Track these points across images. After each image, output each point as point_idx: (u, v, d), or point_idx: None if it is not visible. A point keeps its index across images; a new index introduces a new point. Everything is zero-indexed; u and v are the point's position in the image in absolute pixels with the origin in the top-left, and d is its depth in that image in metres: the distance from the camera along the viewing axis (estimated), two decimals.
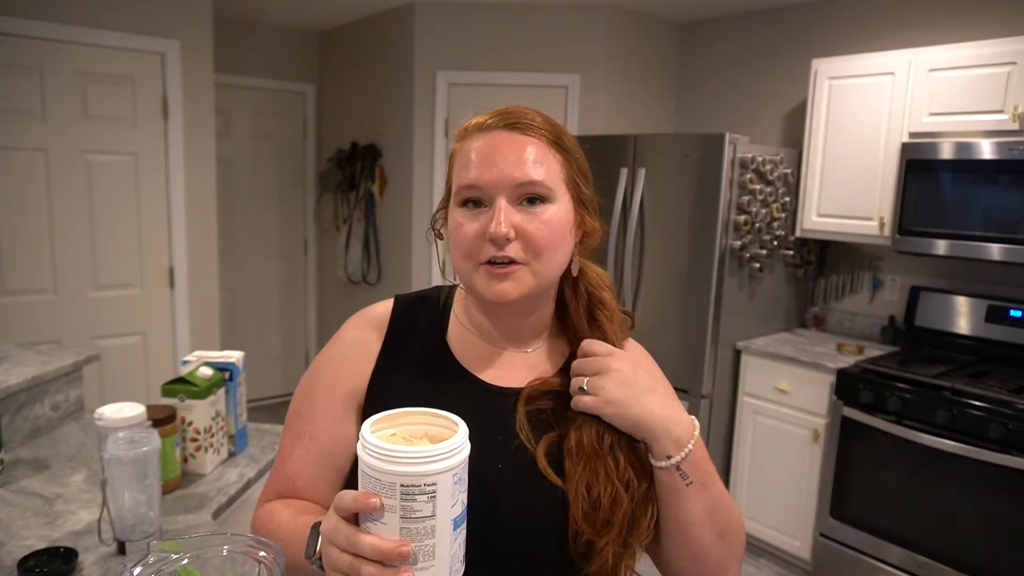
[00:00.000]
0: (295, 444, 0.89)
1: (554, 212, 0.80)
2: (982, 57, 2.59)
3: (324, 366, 0.92)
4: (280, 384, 4.95)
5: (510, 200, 0.79)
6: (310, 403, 0.90)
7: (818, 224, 3.14)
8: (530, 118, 0.82)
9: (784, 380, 2.96)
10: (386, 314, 0.93)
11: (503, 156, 0.79)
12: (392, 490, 0.62)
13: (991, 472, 2.34)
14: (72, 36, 2.95)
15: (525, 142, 0.80)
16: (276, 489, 0.91)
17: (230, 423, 1.66)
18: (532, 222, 0.79)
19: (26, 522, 1.32)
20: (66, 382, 1.89)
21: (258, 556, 0.68)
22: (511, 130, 0.81)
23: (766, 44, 3.69)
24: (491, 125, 0.82)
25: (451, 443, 0.64)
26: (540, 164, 0.80)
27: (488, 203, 0.80)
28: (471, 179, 0.80)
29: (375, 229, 4.31)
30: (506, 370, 0.89)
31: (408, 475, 0.62)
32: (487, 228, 0.78)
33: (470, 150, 0.82)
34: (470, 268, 0.81)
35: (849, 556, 2.75)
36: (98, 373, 3.10)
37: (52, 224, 3.02)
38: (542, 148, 0.81)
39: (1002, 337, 2.79)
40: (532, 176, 0.79)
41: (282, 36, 4.61)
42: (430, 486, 0.62)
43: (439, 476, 0.63)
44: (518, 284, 0.80)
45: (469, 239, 0.80)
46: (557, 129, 0.84)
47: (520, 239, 0.79)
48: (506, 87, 3.82)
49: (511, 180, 0.78)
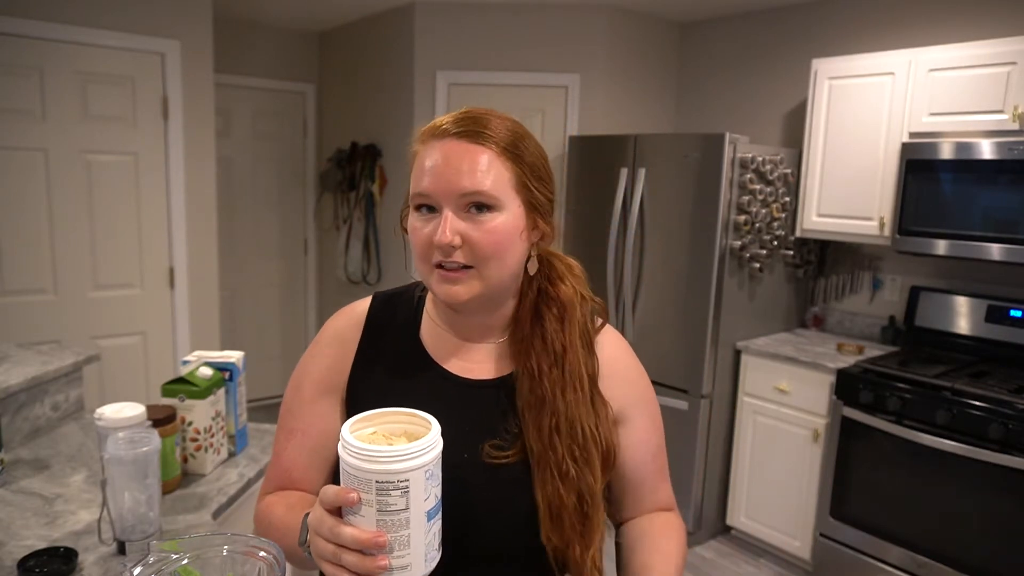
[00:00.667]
0: (288, 440, 0.96)
1: (501, 220, 0.83)
2: (982, 57, 2.59)
3: (308, 365, 0.98)
4: (280, 384, 4.94)
5: (457, 208, 0.83)
6: (298, 401, 0.96)
7: (818, 224, 3.14)
8: (484, 125, 0.84)
9: (784, 380, 2.96)
10: (363, 312, 0.98)
11: (452, 166, 0.82)
12: (368, 486, 0.67)
13: (991, 472, 2.34)
14: (72, 36, 2.95)
15: (475, 152, 0.83)
16: (274, 483, 0.97)
17: (230, 423, 1.66)
18: (477, 230, 0.82)
19: (26, 522, 1.32)
20: (66, 382, 1.89)
21: (258, 556, 0.68)
22: (462, 139, 0.83)
23: (766, 44, 3.69)
24: (446, 132, 0.84)
25: (422, 442, 0.69)
26: (487, 174, 0.82)
27: (439, 209, 0.83)
28: (422, 187, 0.84)
29: (375, 229, 4.31)
30: (475, 363, 0.93)
31: (382, 472, 0.67)
32: (434, 235, 0.82)
33: (425, 156, 0.85)
34: (426, 271, 0.86)
35: (849, 556, 2.75)
36: (98, 373, 3.09)
37: (52, 224, 3.02)
38: (491, 157, 0.83)
39: (1002, 337, 2.79)
40: (477, 187, 0.82)
41: (282, 36, 4.61)
42: (403, 482, 0.67)
43: (411, 473, 0.68)
44: (467, 287, 0.84)
45: (423, 243, 0.85)
46: (513, 136, 0.86)
47: (466, 245, 0.83)
48: (506, 87, 3.82)
49: (457, 190, 0.82)
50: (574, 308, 0.92)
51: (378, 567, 0.68)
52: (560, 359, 0.90)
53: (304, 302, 4.98)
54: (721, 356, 3.09)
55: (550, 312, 0.92)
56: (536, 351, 0.90)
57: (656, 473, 1.01)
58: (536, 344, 0.90)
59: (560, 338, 0.90)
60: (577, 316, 0.92)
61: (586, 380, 0.91)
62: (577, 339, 0.91)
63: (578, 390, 0.89)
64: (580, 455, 0.86)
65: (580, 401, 0.89)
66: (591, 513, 0.86)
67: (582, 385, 0.90)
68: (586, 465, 0.87)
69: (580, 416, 0.88)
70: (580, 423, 0.88)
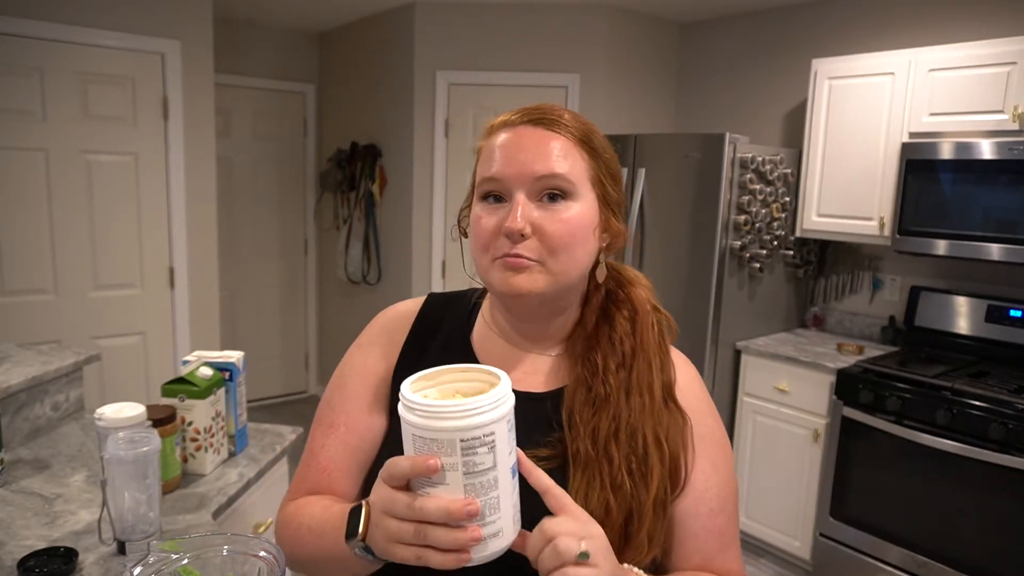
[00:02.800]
0: (328, 435, 0.88)
1: (576, 211, 0.78)
2: (982, 57, 2.59)
3: (353, 358, 0.92)
4: (280, 384, 4.95)
5: (530, 195, 0.77)
6: (341, 393, 0.90)
7: (818, 224, 3.14)
8: (557, 114, 0.80)
9: (784, 380, 2.96)
10: (414, 309, 0.93)
11: (525, 150, 0.77)
12: (451, 447, 0.60)
13: (991, 472, 2.34)
14: (72, 36, 2.95)
15: (550, 137, 0.78)
16: (307, 484, 0.88)
17: (230, 423, 1.66)
18: (550, 219, 0.77)
19: (26, 522, 1.31)
20: (66, 382, 1.89)
21: (258, 556, 0.68)
22: (536, 125, 0.79)
23: (766, 44, 3.69)
24: (516, 121, 0.80)
25: (499, 390, 0.63)
26: (564, 159, 0.77)
27: (508, 198, 0.78)
28: (491, 172, 0.78)
29: (375, 229, 4.31)
30: (526, 373, 0.86)
31: (467, 428, 0.60)
32: (504, 222, 0.77)
33: (494, 146, 0.80)
34: (486, 263, 0.80)
35: (849, 556, 2.75)
36: (98, 373, 3.09)
37: (52, 224, 3.02)
38: (567, 145, 0.78)
39: (1002, 337, 2.79)
40: (554, 169, 0.76)
41: (282, 36, 4.61)
42: (488, 436, 0.61)
43: (496, 425, 0.61)
44: (530, 279, 0.77)
45: (487, 233, 0.78)
46: (586, 127, 0.81)
47: (537, 236, 0.76)
48: (506, 87, 3.82)
49: (531, 173, 0.76)
50: (647, 313, 0.85)
51: (472, 539, 0.61)
52: (628, 360, 0.82)
53: (304, 302, 4.98)
54: (721, 356, 3.09)
55: (620, 313, 0.85)
56: (602, 348, 0.82)
57: (711, 534, 0.84)
58: (602, 342, 0.83)
59: (630, 340, 0.83)
60: (650, 322, 0.85)
61: (657, 388, 0.82)
62: (649, 345, 0.84)
63: (644, 396, 0.81)
64: (637, 468, 0.78)
65: (645, 409, 0.80)
66: (634, 534, 0.76)
67: (650, 392, 0.81)
68: (642, 480, 0.78)
69: (643, 425, 0.79)
70: (642, 432, 0.79)
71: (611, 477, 0.76)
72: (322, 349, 5.03)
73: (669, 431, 0.81)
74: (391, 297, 4.22)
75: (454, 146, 3.92)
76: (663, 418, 0.81)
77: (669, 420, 0.82)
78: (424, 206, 3.97)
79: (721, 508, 0.85)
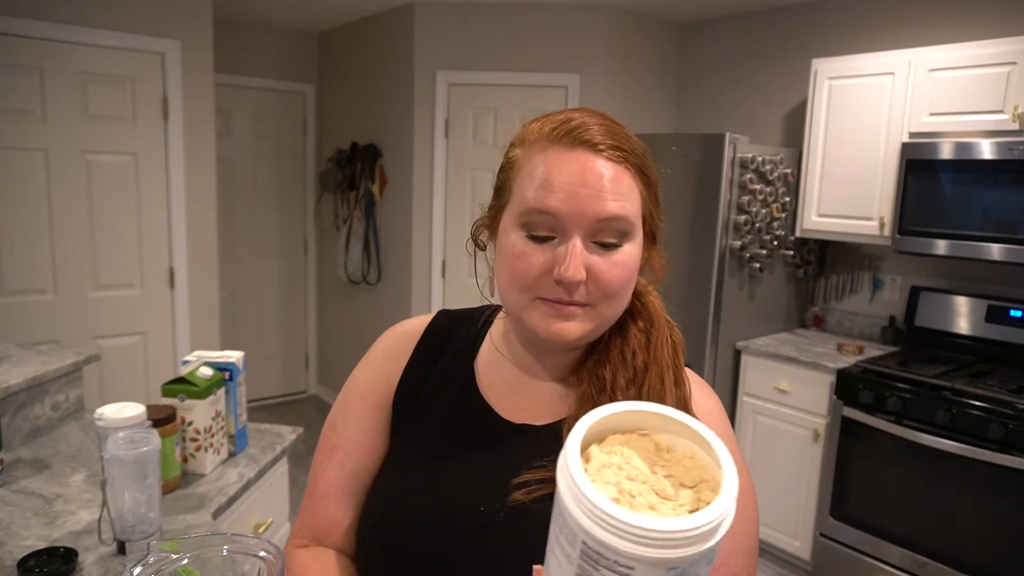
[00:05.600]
0: (328, 459, 0.85)
1: (628, 252, 0.71)
2: (982, 57, 2.59)
3: (357, 377, 0.88)
4: (280, 384, 4.95)
5: (586, 236, 0.69)
6: (344, 414, 0.87)
7: (818, 224, 3.14)
8: (621, 137, 0.71)
9: (784, 380, 2.96)
10: (420, 327, 0.88)
11: (588, 185, 0.68)
12: (628, 571, 0.42)
13: (991, 472, 2.34)
14: (72, 36, 2.95)
15: (611, 169, 0.69)
16: (310, 517, 0.86)
17: (230, 423, 1.66)
18: (605, 264, 0.70)
19: (26, 522, 1.31)
20: (66, 382, 1.89)
21: (258, 556, 0.68)
22: (598, 152, 0.69)
23: (766, 44, 3.69)
24: (573, 139, 0.69)
25: (719, 508, 0.43)
26: (625, 197, 0.69)
27: (559, 234, 0.69)
28: (547, 205, 0.68)
29: (375, 229, 4.31)
30: (531, 402, 0.80)
31: (680, 559, 0.42)
32: (554, 264, 0.69)
33: (542, 165, 0.69)
34: (524, 301, 0.72)
35: (849, 556, 2.75)
36: (98, 373, 3.10)
37: (52, 224, 3.02)
38: (629, 178, 0.70)
39: (1002, 337, 2.79)
40: (616, 211, 0.68)
41: (282, 36, 4.61)
42: (703, 557, 0.43)
43: (697, 554, 0.42)
44: (580, 325, 0.71)
45: (532, 273, 0.70)
46: (642, 151, 0.73)
47: (590, 280, 0.70)
48: (506, 87, 3.82)
49: (593, 214, 0.68)
50: (662, 327, 0.79)
51: None
52: (640, 377, 0.75)
53: (304, 302, 4.98)
54: (721, 356, 3.10)
55: (635, 325, 0.78)
56: (612, 363, 0.76)
57: None
58: (613, 356, 0.77)
59: (643, 354, 0.77)
60: (665, 336, 0.79)
61: (670, 404, 0.74)
62: (663, 360, 0.77)
63: None
64: None
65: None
66: None
67: None
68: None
69: None
70: None
71: None
72: (322, 349, 5.03)
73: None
74: (391, 297, 4.23)
75: (454, 146, 3.92)
76: None
77: None
78: (424, 206, 3.97)
79: (723, 562, 0.71)
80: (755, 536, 0.77)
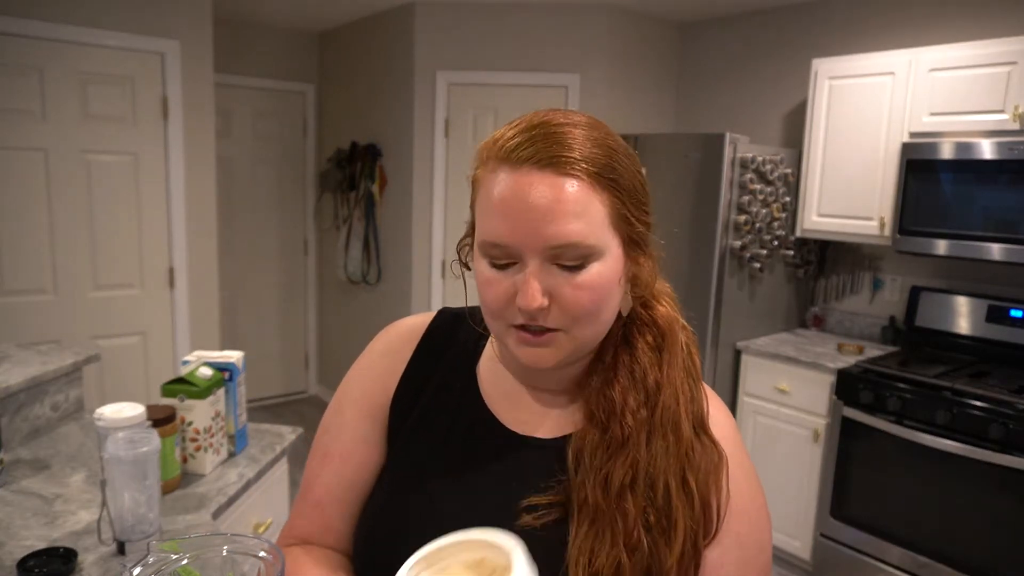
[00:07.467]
0: (323, 465, 0.82)
1: (597, 271, 0.66)
2: (982, 57, 2.58)
3: (352, 379, 0.84)
4: (280, 384, 4.95)
5: (543, 261, 0.65)
6: (338, 419, 0.83)
7: (818, 224, 3.14)
8: (568, 145, 0.65)
9: (784, 380, 2.96)
10: (421, 327, 0.84)
11: (533, 208, 0.63)
12: None
13: (991, 472, 2.34)
14: (72, 36, 2.95)
15: (561, 185, 0.64)
16: (303, 521, 0.83)
17: (230, 423, 1.66)
18: (569, 287, 0.65)
19: (26, 522, 1.31)
20: (66, 382, 1.89)
21: (258, 556, 0.68)
22: (544, 168, 0.64)
23: (766, 44, 3.69)
24: (518, 159, 0.65)
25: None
26: (579, 217, 0.64)
27: (518, 259, 0.66)
28: (495, 237, 0.65)
29: (375, 229, 4.31)
30: (534, 414, 0.77)
31: None
32: (517, 294, 0.66)
33: (492, 190, 0.66)
34: (500, 328, 0.70)
35: (849, 556, 2.75)
36: (98, 373, 3.09)
37: (52, 224, 3.02)
38: (583, 191, 0.64)
39: (1002, 337, 2.79)
40: (569, 238, 0.64)
41: (282, 36, 4.61)
42: None
43: None
44: (555, 351, 0.68)
45: (500, 301, 0.67)
46: (605, 154, 0.67)
47: (555, 305, 0.66)
48: (506, 87, 3.82)
49: (543, 241, 0.64)
50: (675, 336, 0.74)
51: None
52: (652, 397, 0.71)
53: (304, 302, 4.98)
54: (721, 356, 3.09)
55: (643, 339, 0.74)
56: (621, 384, 0.71)
57: None
58: (622, 375, 0.72)
59: (655, 372, 0.72)
60: (679, 346, 0.74)
61: (685, 424, 0.71)
62: (677, 375, 0.73)
63: (669, 438, 0.69)
64: (657, 522, 0.67)
65: (670, 452, 0.69)
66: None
67: (676, 433, 0.70)
68: (662, 536, 0.66)
69: (665, 471, 0.68)
70: (664, 481, 0.68)
71: (625, 535, 0.66)
72: (322, 349, 5.03)
73: (700, 470, 0.70)
74: (391, 297, 4.23)
75: (454, 146, 3.92)
76: (693, 456, 0.70)
77: (701, 456, 0.70)
78: (424, 206, 3.97)
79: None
80: (769, 553, 0.74)
